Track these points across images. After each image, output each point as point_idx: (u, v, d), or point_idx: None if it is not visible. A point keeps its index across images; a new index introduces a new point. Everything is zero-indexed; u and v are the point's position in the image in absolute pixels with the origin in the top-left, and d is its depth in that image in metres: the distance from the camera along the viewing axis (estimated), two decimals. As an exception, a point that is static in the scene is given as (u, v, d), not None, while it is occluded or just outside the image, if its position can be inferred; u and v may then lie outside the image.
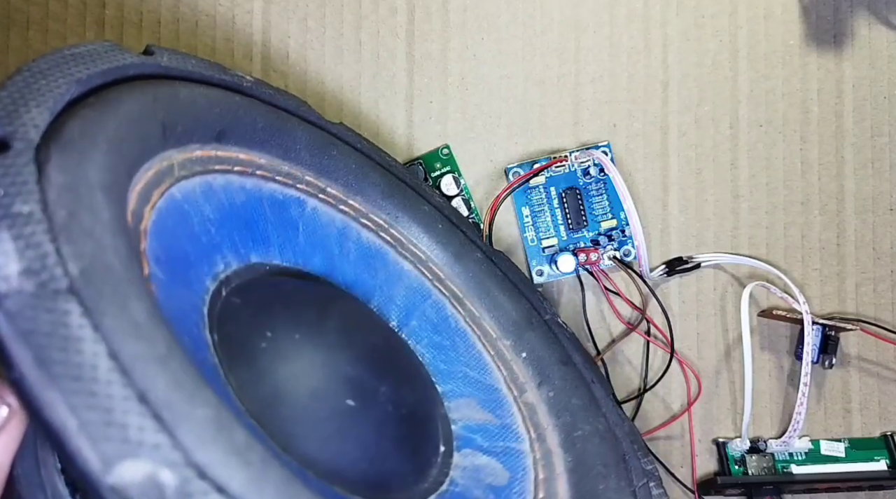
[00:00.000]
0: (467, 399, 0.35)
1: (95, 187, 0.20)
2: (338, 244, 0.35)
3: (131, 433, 0.16)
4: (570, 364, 0.36)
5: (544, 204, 0.44)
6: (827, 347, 0.43)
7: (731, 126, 0.45)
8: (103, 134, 0.22)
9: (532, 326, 0.37)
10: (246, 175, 0.32)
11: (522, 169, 0.44)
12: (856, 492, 0.43)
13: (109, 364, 0.17)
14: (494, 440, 0.34)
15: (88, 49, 0.25)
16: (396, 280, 0.36)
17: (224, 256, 0.29)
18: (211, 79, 0.30)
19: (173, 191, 0.27)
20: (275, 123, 0.32)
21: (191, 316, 0.26)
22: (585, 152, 0.44)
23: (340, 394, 0.29)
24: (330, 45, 0.45)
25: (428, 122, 0.45)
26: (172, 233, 0.26)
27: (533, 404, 0.35)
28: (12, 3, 0.44)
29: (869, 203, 0.44)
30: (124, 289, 0.18)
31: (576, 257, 0.43)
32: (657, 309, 0.43)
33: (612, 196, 0.44)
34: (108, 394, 0.16)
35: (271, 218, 0.32)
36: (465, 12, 0.45)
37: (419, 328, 0.36)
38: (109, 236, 0.19)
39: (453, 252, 0.38)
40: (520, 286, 0.38)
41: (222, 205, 0.30)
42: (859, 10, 0.45)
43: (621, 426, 0.35)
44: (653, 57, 0.45)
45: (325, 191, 0.35)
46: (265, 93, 0.33)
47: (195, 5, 0.44)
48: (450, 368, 0.36)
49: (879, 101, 0.45)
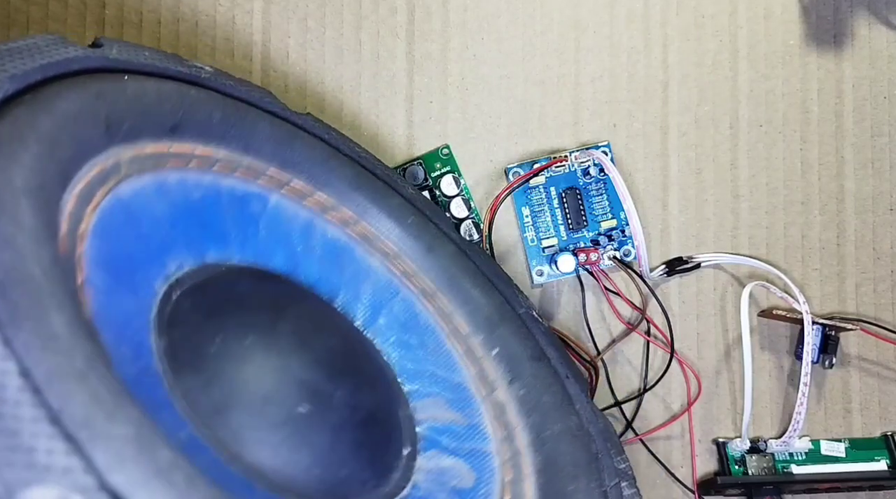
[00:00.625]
0: (434, 399, 0.34)
1: (20, 192, 0.19)
2: (301, 241, 0.34)
3: (39, 457, 0.15)
4: (543, 360, 0.35)
5: (544, 204, 0.44)
6: (827, 346, 0.43)
7: (731, 126, 0.45)
8: (34, 134, 0.21)
9: (505, 320, 0.36)
10: (203, 170, 0.31)
11: (522, 169, 0.44)
12: (856, 492, 0.43)
13: (19, 383, 0.16)
14: (461, 441, 0.33)
15: (28, 43, 0.24)
16: (364, 277, 0.35)
17: (177, 257, 0.29)
18: (165, 71, 0.29)
19: (121, 189, 0.26)
20: (233, 116, 0.31)
21: (135, 321, 0.25)
22: (585, 152, 0.44)
23: (293, 399, 0.28)
24: (330, 45, 0.45)
25: (428, 122, 0.45)
26: (118, 234, 0.25)
27: (503, 402, 0.34)
28: (12, 3, 0.44)
29: (869, 203, 0.44)
30: (44, 300, 0.17)
31: (576, 257, 0.43)
32: (657, 309, 0.43)
33: (612, 196, 0.44)
34: (15, 415, 0.15)
35: (230, 214, 0.31)
36: (465, 12, 0.45)
37: (386, 326, 0.35)
38: (31, 244, 0.18)
39: (425, 245, 0.36)
40: (494, 280, 0.37)
41: (176, 202, 0.29)
42: (859, 10, 0.45)
43: (595, 424, 0.34)
44: (653, 57, 0.45)
45: (289, 184, 0.34)
46: (225, 84, 0.32)
47: (195, 5, 0.44)
48: (417, 367, 0.35)
49: (879, 101, 0.45)
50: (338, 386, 0.30)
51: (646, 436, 0.42)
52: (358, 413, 0.30)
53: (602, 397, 0.43)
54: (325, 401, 0.29)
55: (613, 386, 0.43)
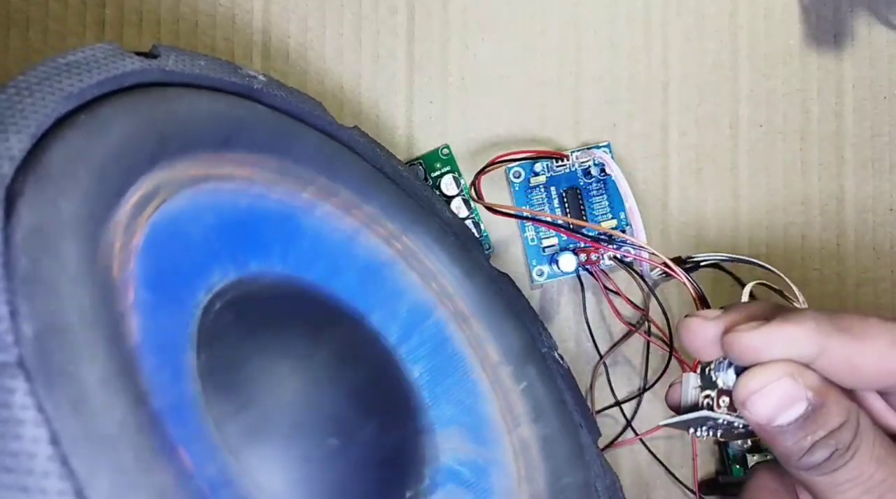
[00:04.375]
0: (458, 428, 0.34)
1: (67, 227, 0.19)
2: (344, 252, 0.34)
3: None
4: (563, 405, 0.35)
5: (545, 204, 0.44)
6: (827, 346, 0.43)
7: (731, 126, 0.45)
8: (88, 163, 0.21)
9: (532, 357, 0.36)
10: (248, 182, 0.31)
11: (523, 168, 0.44)
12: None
13: (49, 452, 0.15)
14: (480, 477, 0.32)
15: (87, 55, 0.23)
16: (400, 294, 0.35)
17: (222, 265, 0.28)
18: (220, 83, 0.29)
19: (171, 202, 0.26)
20: (284, 129, 0.31)
21: (177, 339, 0.25)
22: (587, 152, 0.44)
23: (323, 432, 0.28)
24: (330, 45, 0.45)
25: (428, 122, 0.45)
26: (167, 245, 0.25)
27: (526, 439, 0.34)
28: (12, 3, 0.44)
29: (869, 203, 0.44)
30: (79, 352, 0.17)
31: (577, 256, 0.43)
32: (657, 309, 0.43)
33: (613, 196, 0.44)
34: (42, 488, 0.15)
35: (273, 226, 0.31)
36: (465, 12, 0.45)
37: (418, 347, 0.35)
38: (71, 287, 0.18)
39: (463, 269, 0.36)
40: (522, 315, 0.37)
41: (224, 213, 0.29)
42: (859, 10, 0.45)
43: (602, 479, 0.34)
44: (653, 57, 0.45)
45: (337, 195, 0.34)
46: (276, 96, 0.32)
47: (195, 5, 0.44)
48: (445, 392, 0.34)
49: (879, 101, 0.45)
50: (366, 421, 0.30)
51: (646, 436, 0.42)
52: (380, 451, 0.30)
53: (602, 397, 0.43)
54: (352, 436, 0.29)
55: (614, 386, 0.43)
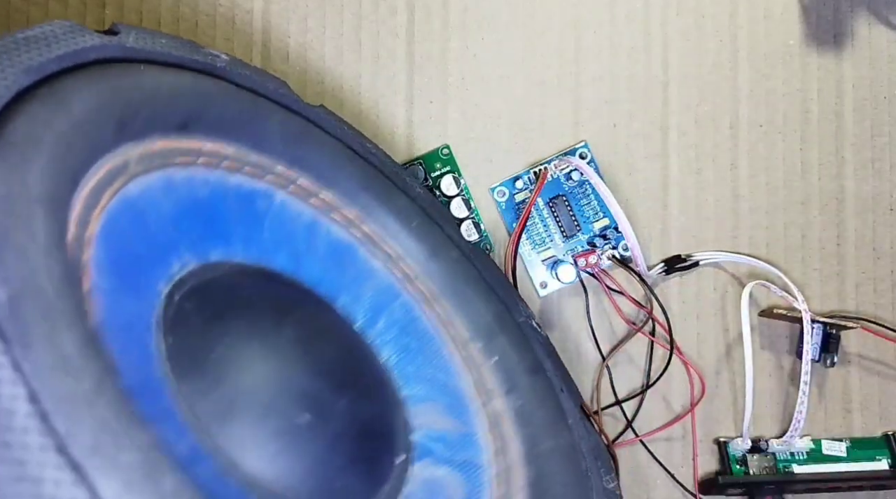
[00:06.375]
0: (432, 404, 0.34)
1: (34, 200, 0.19)
2: (305, 240, 0.34)
3: (46, 488, 0.15)
4: (540, 372, 0.35)
5: (534, 216, 0.44)
6: (828, 345, 0.43)
7: (731, 126, 0.45)
8: (51, 135, 0.20)
9: (504, 329, 0.36)
10: (210, 167, 0.30)
11: (506, 186, 0.44)
12: (857, 492, 0.43)
13: (28, 409, 0.15)
14: (455, 451, 0.33)
15: (45, 31, 0.22)
16: (365, 279, 0.35)
17: (181, 256, 0.28)
18: (181, 60, 0.28)
19: (129, 188, 0.25)
20: (247, 111, 0.30)
21: (141, 324, 0.24)
22: (563, 159, 0.44)
23: (296, 408, 0.28)
24: (330, 45, 0.45)
25: (428, 122, 0.44)
26: (124, 235, 0.25)
27: (499, 412, 0.34)
28: (12, 3, 0.44)
29: (869, 203, 0.44)
30: (55, 318, 0.17)
31: (576, 266, 0.43)
32: (657, 308, 0.43)
33: (599, 196, 0.44)
34: (23, 443, 0.15)
35: (235, 213, 0.31)
36: (465, 12, 0.45)
37: (386, 329, 0.35)
38: (43, 257, 0.18)
39: (429, 249, 0.36)
40: (495, 287, 0.37)
41: (182, 200, 0.28)
42: (859, 10, 0.45)
43: (587, 440, 0.34)
44: (653, 57, 0.45)
45: (295, 183, 0.33)
46: (241, 74, 0.31)
47: (195, 5, 0.44)
48: (416, 371, 0.34)
49: (879, 101, 0.45)
50: (339, 396, 0.30)
51: (647, 436, 0.42)
52: (356, 424, 0.30)
53: (603, 397, 0.43)
54: (325, 411, 0.29)
55: (615, 386, 0.43)
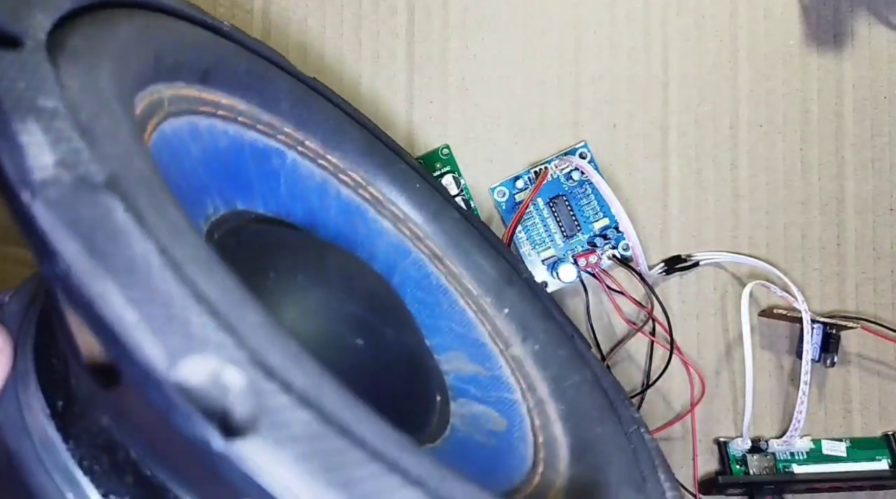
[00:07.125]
0: (456, 352, 0.35)
1: (110, 96, 0.19)
2: (318, 198, 0.34)
3: (194, 330, 0.15)
4: (551, 319, 0.36)
5: (534, 216, 0.44)
6: (829, 345, 0.43)
7: (731, 126, 0.45)
8: (106, 52, 0.21)
9: (511, 283, 0.37)
10: (228, 120, 0.30)
11: (506, 186, 0.44)
12: (857, 492, 0.43)
13: (161, 260, 0.15)
14: (487, 391, 0.33)
15: None
16: (377, 237, 0.36)
17: (213, 200, 0.28)
18: (194, 17, 0.29)
19: (164, 126, 0.26)
20: (257, 70, 0.31)
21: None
22: (564, 159, 0.44)
23: (349, 333, 0.29)
24: (330, 45, 0.45)
25: (428, 122, 0.44)
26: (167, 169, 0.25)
27: (519, 357, 0.35)
28: None
29: (869, 203, 0.44)
30: (157, 193, 0.17)
31: (576, 265, 0.43)
32: (657, 308, 0.43)
33: (600, 196, 0.44)
34: (166, 289, 0.15)
35: (253, 166, 0.31)
36: (465, 12, 0.45)
37: (402, 284, 0.36)
38: (132, 142, 0.18)
39: (431, 212, 0.37)
40: (497, 246, 0.38)
41: (207, 148, 0.29)
42: (859, 10, 0.45)
43: (605, 378, 0.35)
44: (653, 57, 0.45)
45: (304, 144, 0.34)
46: (244, 40, 0.32)
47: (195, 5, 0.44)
48: (435, 324, 0.35)
49: (879, 101, 0.45)
50: (385, 325, 0.31)
51: (647, 436, 0.42)
52: (404, 352, 0.31)
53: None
54: (376, 338, 0.30)
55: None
